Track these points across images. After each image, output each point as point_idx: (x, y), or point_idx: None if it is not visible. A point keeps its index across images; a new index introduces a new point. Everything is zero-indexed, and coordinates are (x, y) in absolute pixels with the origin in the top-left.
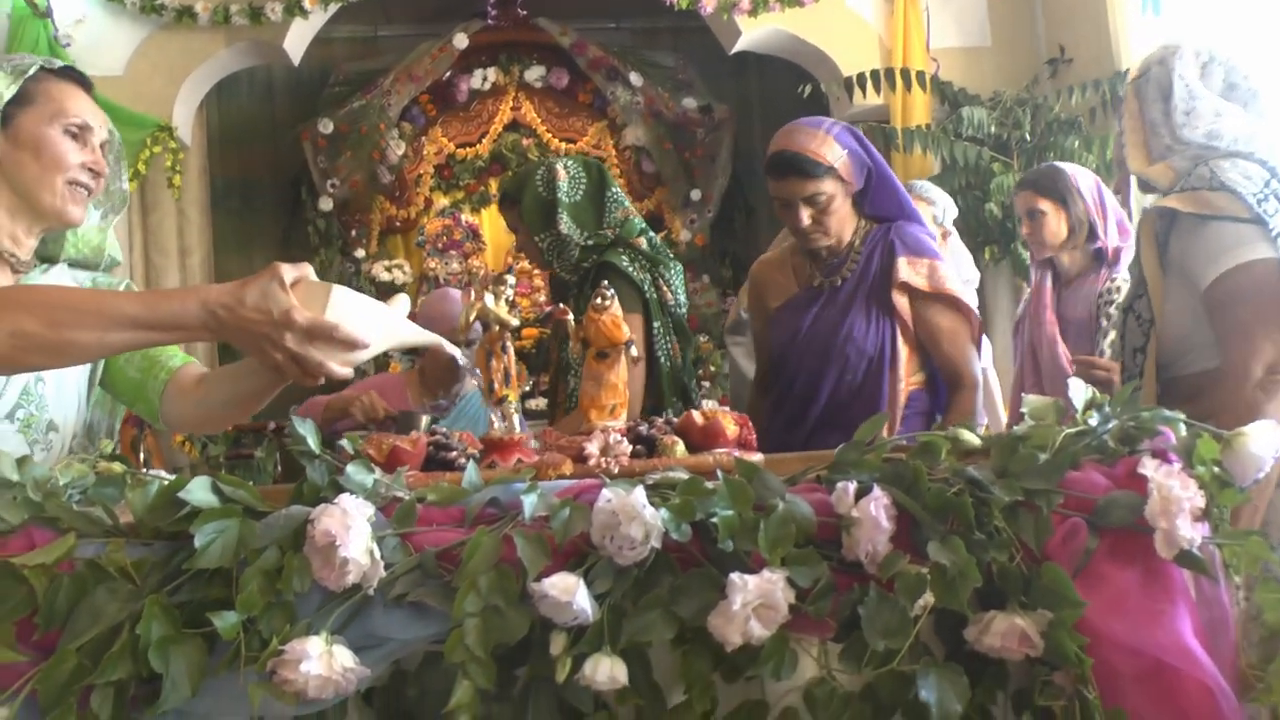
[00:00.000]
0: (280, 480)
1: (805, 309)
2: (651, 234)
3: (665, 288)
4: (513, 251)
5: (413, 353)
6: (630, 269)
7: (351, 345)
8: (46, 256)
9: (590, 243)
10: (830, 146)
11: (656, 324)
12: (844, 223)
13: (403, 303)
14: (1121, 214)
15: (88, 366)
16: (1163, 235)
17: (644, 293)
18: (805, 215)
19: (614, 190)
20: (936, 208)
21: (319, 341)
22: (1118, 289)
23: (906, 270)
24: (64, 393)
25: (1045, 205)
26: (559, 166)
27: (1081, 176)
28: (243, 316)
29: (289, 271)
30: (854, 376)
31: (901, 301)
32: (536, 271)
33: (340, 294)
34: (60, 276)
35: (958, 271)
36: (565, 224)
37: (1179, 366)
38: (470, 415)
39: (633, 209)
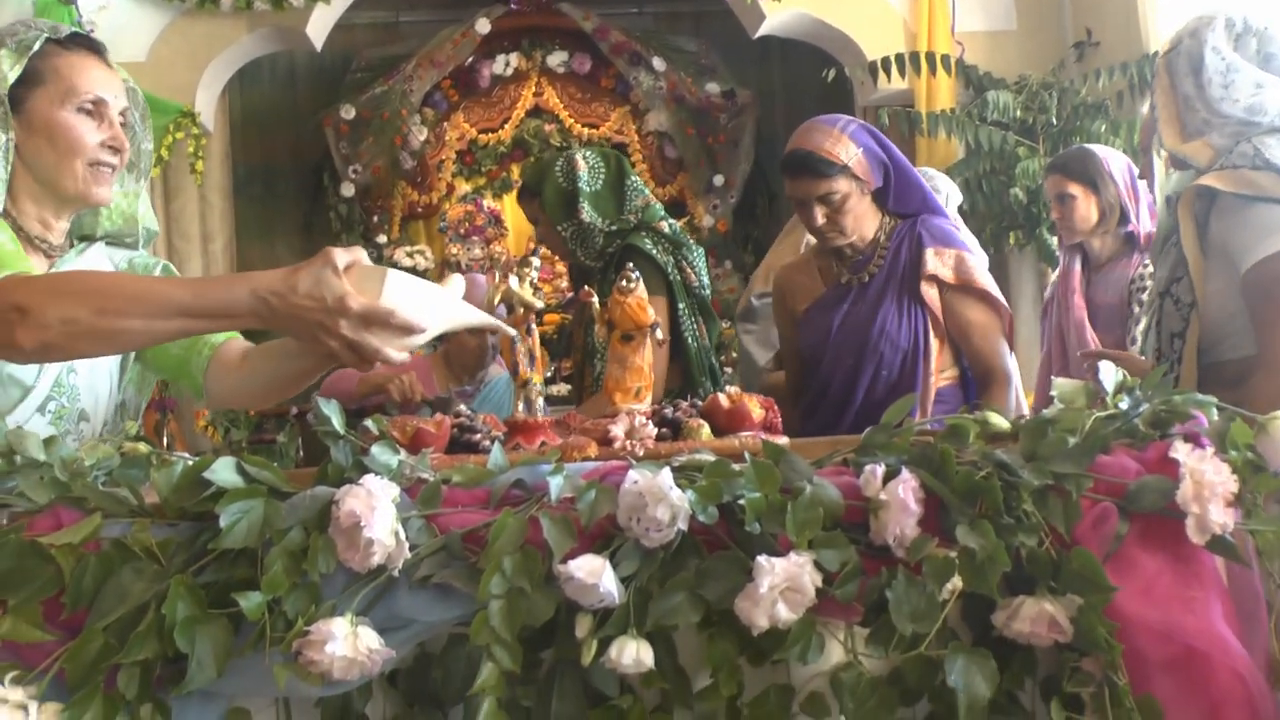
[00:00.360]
0: (302, 466)
1: (835, 307)
2: (671, 220)
3: (689, 270)
4: (534, 238)
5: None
6: (654, 252)
7: (408, 330)
8: (82, 234)
9: (613, 229)
10: (844, 145)
11: (682, 306)
12: (862, 221)
13: (457, 283)
14: (1153, 198)
15: None
16: (1202, 215)
17: (668, 275)
18: (819, 214)
19: (633, 179)
20: (940, 195)
21: (375, 327)
22: (1151, 274)
23: (933, 261)
24: (96, 382)
25: (1075, 189)
26: (578, 157)
27: (1113, 160)
28: (295, 304)
29: (341, 256)
30: (890, 372)
31: (931, 293)
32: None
33: (395, 278)
34: (97, 259)
35: None
36: (587, 212)
37: (1219, 351)
38: (495, 401)
39: (652, 196)
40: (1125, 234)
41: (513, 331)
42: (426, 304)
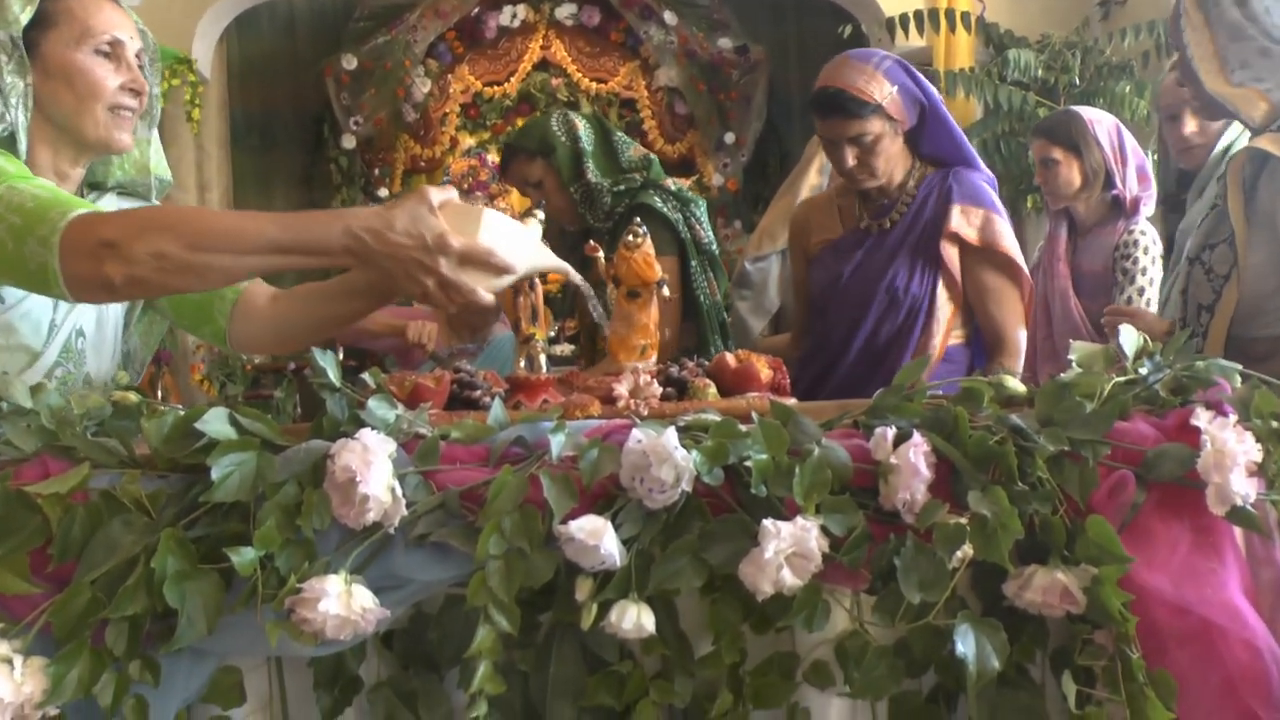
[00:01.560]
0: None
1: (850, 252)
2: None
3: (698, 226)
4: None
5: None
6: (665, 209)
7: (504, 270)
8: (92, 183)
9: (620, 188)
10: (878, 83)
11: (694, 263)
12: (894, 163)
13: (536, 224)
14: (1144, 160)
15: (123, 308)
16: (1250, 181)
17: (679, 233)
18: (850, 156)
19: (618, 134)
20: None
21: (471, 266)
22: (1134, 241)
23: (959, 219)
24: (103, 346)
25: (1058, 153)
26: (573, 117)
27: (1099, 122)
28: (392, 242)
29: (437, 194)
30: (892, 327)
31: (950, 253)
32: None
33: (492, 217)
34: (109, 209)
35: None
36: (592, 172)
37: (1252, 327)
38: (500, 361)
39: (644, 149)
40: (1111, 198)
41: (583, 282)
42: (518, 244)
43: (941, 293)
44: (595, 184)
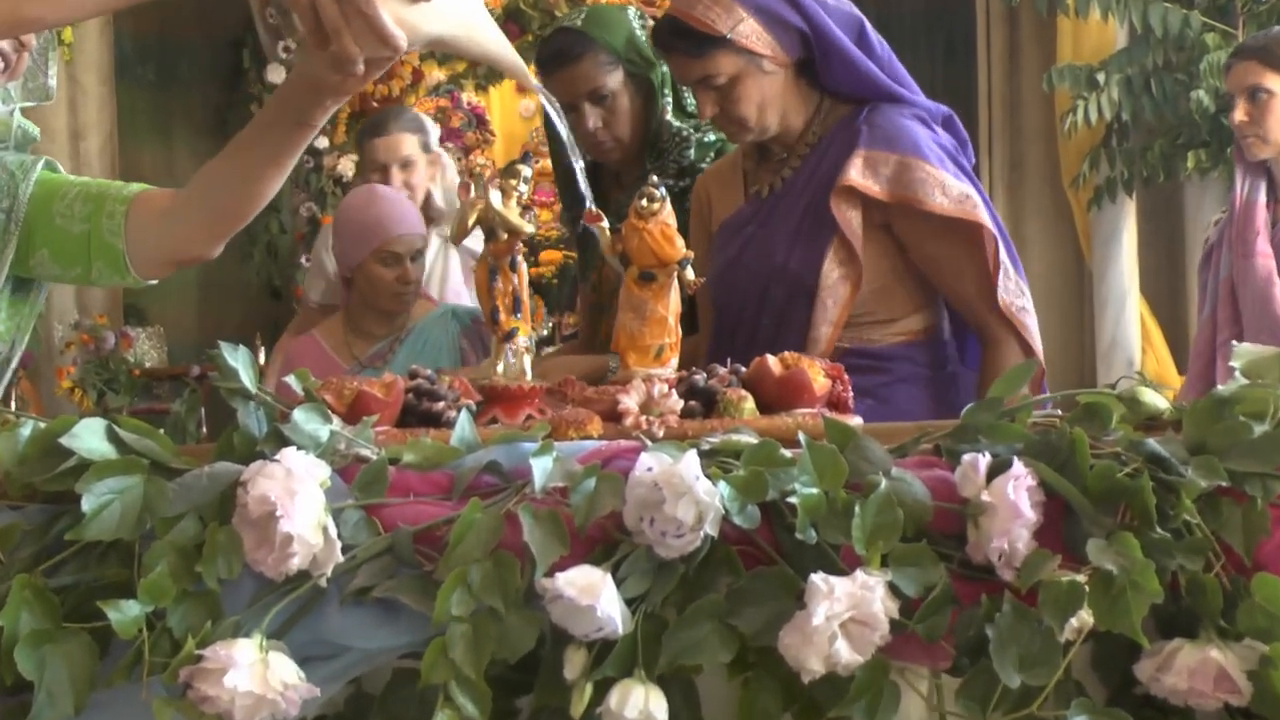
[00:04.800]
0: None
1: (742, 227)
2: None
3: None
4: (538, 145)
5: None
6: None
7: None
8: None
9: (711, 138)
10: (724, 9)
11: None
12: (777, 108)
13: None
14: None
15: None
16: None
17: None
18: (708, 102)
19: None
20: None
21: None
22: None
23: (859, 169)
24: None
25: (1273, 80)
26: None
27: None
28: None
29: None
30: (769, 318)
31: (850, 215)
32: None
33: None
34: None
35: None
36: (673, 110)
37: None
38: (430, 354)
39: None
40: None
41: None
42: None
43: (831, 268)
44: (677, 127)
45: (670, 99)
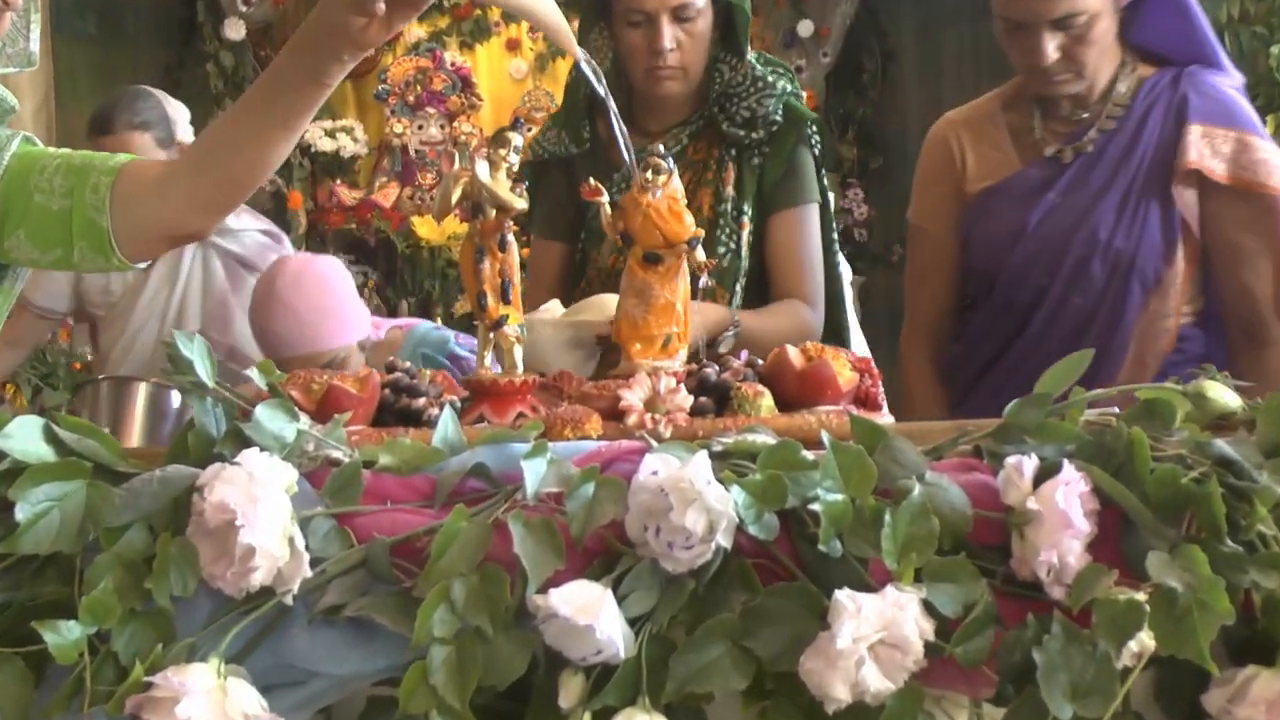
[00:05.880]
0: None
1: (1036, 195)
2: None
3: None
4: (530, 110)
5: None
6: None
7: None
8: None
9: (790, 89)
10: None
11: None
12: (1104, 58)
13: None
14: None
15: None
16: None
17: (823, 183)
18: (1051, 45)
19: None
20: None
21: None
22: None
23: (1199, 147)
24: None
25: None
26: None
27: None
28: None
29: None
30: (1087, 300)
31: (1188, 196)
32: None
33: None
34: None
35: None
36: (751, 52)
37: None
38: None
39: None
40: None
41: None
42: None
43: (1174, 254)
44: (761, 71)
45: (748, 41)
